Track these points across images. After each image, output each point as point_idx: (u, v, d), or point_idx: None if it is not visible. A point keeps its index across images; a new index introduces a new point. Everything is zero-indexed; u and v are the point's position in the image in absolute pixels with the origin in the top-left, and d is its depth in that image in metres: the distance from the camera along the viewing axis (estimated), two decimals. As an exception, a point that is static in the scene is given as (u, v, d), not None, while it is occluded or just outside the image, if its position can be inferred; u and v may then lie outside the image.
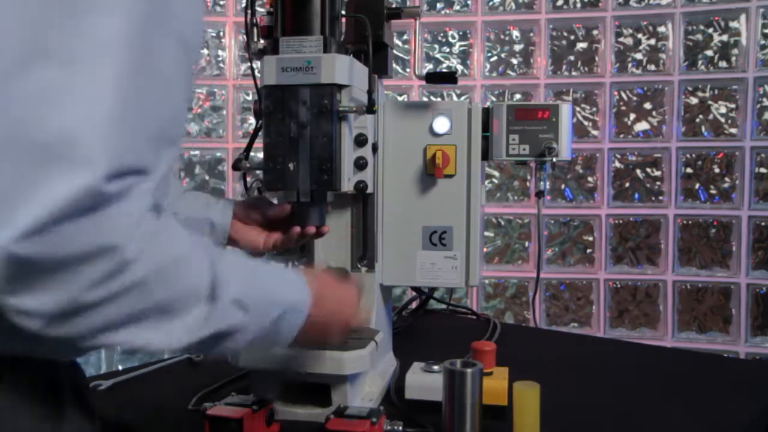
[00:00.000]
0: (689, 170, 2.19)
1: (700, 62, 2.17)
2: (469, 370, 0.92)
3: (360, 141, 1.11)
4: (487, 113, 1.23)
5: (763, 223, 2.12)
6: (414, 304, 1.79)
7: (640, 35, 2.21)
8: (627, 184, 2.23)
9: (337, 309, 0.87)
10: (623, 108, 2.23)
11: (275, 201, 1.24)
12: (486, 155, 1.24)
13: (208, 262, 0.68)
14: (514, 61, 2.29)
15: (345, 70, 1.01)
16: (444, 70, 1.98)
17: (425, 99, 2.27)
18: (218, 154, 2.35)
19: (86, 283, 0.57)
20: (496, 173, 2.30)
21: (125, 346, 0.64)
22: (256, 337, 0.74)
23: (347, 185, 1.07)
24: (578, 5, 2.24)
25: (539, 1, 2.23)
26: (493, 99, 2.28)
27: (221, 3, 2.32)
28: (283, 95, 1.00)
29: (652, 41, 2.20)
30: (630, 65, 2.22)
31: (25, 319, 0.58)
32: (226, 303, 0.68)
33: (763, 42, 2.09)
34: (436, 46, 2.31)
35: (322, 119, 1.00)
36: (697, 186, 2.18)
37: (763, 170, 2.13)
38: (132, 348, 0.64)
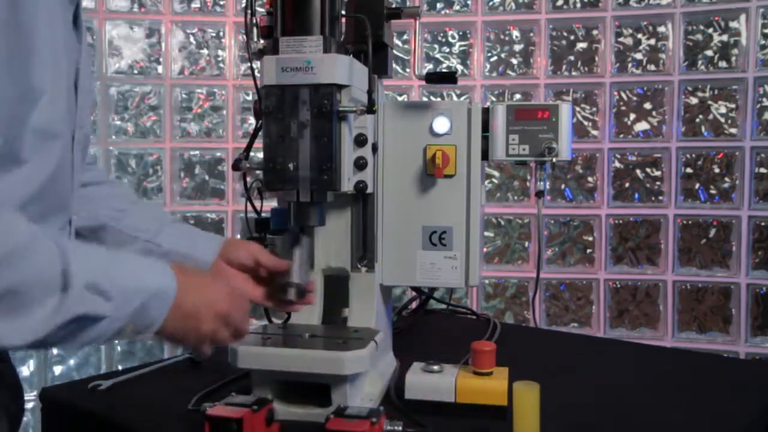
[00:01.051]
0: (689, 170, 2.19)
1: (700, 62, 2.17)
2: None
3: (360, 141, 1.11)
4: (486, 113, 1.23)
5: (763, 223, 2.12)
6: (414, 304, 1.79)
7: (640, 35, 2.21)
8: (627, 184, 2.23)
9: (207, 298, 0.86)
10: (623, 108, 2.23)
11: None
12: (486, 155, 1.23)
13: (57, 252, 0.70)
14: (514, 61, 2.29)
15: (345, 70, 1.01)
16: (444, 70, 1.98)
17: (425, 99, 2.27)
18: (218, 154, 2.35)
19: None
20: (496, 173, 2.30)
21: None
22: (124, 325, 0.76)
23: (347, 185, 1.07)
24: (578, 5, 2.24)
25: (539, 1, 2.23)
26: (493, 99, 2.28)
27: (221, 3, 2.32)
28: (283, 95, 1.00)
29: (652, 41, 2.20)
30: (630, 65, 2.22)
31: None
32: (79, 289, 0.70)
33: (763, 42, 2.09)
34: (436, 46, 2.31)
35: (322, 119, 1.00)
36: (697, 186, 2.18)
37: (763, 170, 2.13)
38: None
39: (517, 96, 2.29)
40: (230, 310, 0.88)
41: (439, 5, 2.30)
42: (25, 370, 2.18)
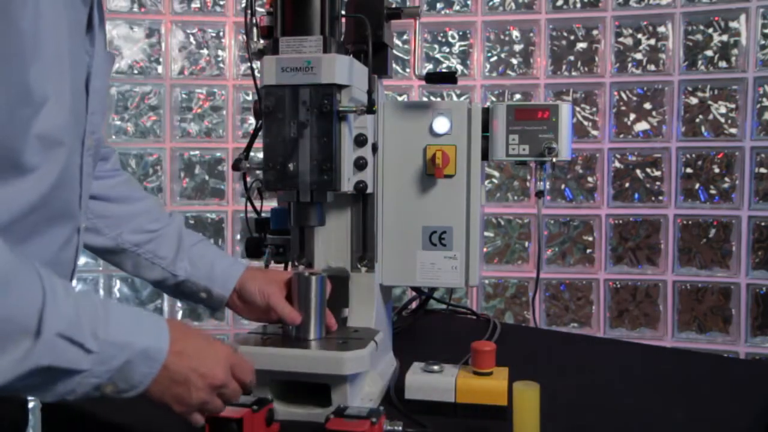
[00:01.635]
0: (689, 170, 2.19)
1: (700, 62, 2.17)
2: (313, 277, 1.04)
3: (360, 141, 1.11)
4: (486, 113, 1.23)
5: (763, 223, 2.12)
6: (414, 304, 1.79)
7: (640, 35, 2.21)
8: (627, 184, 2.23)
9: (202, 366, 0.78)
10: (623, 108, 2.23)
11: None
12: (486, 155, 1.23)
13: (37, 285, 0.65)
14: (514, 61, 2.29)
15: (345, 70, 1.01)
16: (444, 70, 1.98)
17: (425, 99, 2.27)
18: (218, 154, 2.35)
19: None
20: (496, 173, 2.30)
21: None
22: (102, 382, 0.69)
23: (347, 185, 1.07)
24: (578, 5, 2.24)
25: (539, 1, 2.23)
26: (493, 99, 2.28)
27: (221, 3, 2.32)
28: (283, 95, 1.00)
29: (652, 41, 2.20)
30: (630, 65, 2.22)
31: None
32: (50, 336, 0.64)
33: (763, 42, 2.09)
34: (436, 46, 2.31)
35: (322, 119, 1.00)
36: (697, 186, 2.18)
37: (763, 170, 2.13)
38: None
39: (517, 96, 2.29)
40: (226, 381, 0.81)
41: (439, 5, 2.30)
42: (25, 370, 2.18)
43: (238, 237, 2.33)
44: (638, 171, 2.22)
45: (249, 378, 0.86)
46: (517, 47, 2.28)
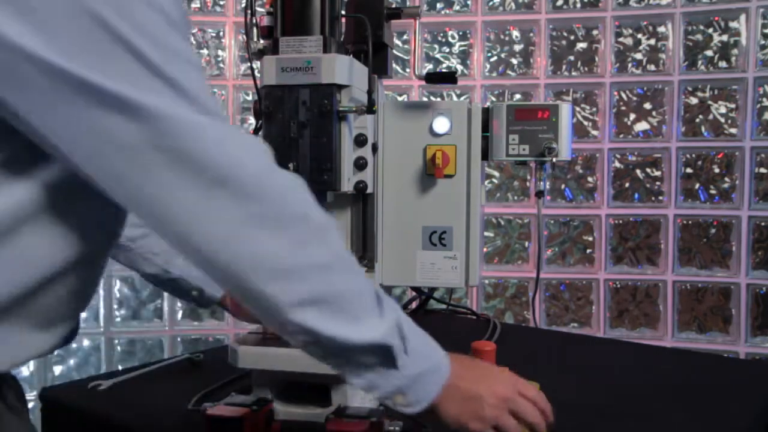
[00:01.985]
0: (689, 170, 2.19)
1: (700, 62, 2.17)
2: None
3: (360, 141, 1.11)
4: (486, 113, 1.23)
5: (763, 223, 2.12)
6: (414, 304, 1.79)
7: (640, 35, 2.21)
8: (627, 184, 2.23)
9: (487, 381, 0.79)
10: (623, 108, 2.23)
11: None
12: (486, 155, 1.23)
13: (370, 282, 0.71)
14: (514, 61, 2.29)
15: (345, 70, 1.01)
16: (444, 70, 1.98)
17: (425, 99, 2.27)
18: (218, 154, 2.35)
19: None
20: (496, 173, 2.30)
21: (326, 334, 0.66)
22: (398, 388, 0.72)
23: (347, 185, 1.07)
24: (578, 5, 2.24)
25: (539, 1, 2.23)
26: (493, 99, 2.28)
27: (221, 3, 2.32)
28: (283, 95, 1.00)
29: (652, 41, 2.20)
30: (630, 65, 2.22)
31: None
32: (389, 320, 0.69)
33: (763, 42, 2.09)
34: (436, 46, 2.31)
35: (322, 119, 1.00)
36: (697, 186, 2.18)
37: (763, 170, 2.13)
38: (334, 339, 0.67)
39: (517, 96, 2.29)
40: (514, 396, 0.79)
41: (439, 5, 2.30)
42: (25, 370, 2.18)
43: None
44: (638, 171, 2.22)
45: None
46: (517, 47, 2.28)
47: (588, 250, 2.26)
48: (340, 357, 0.69)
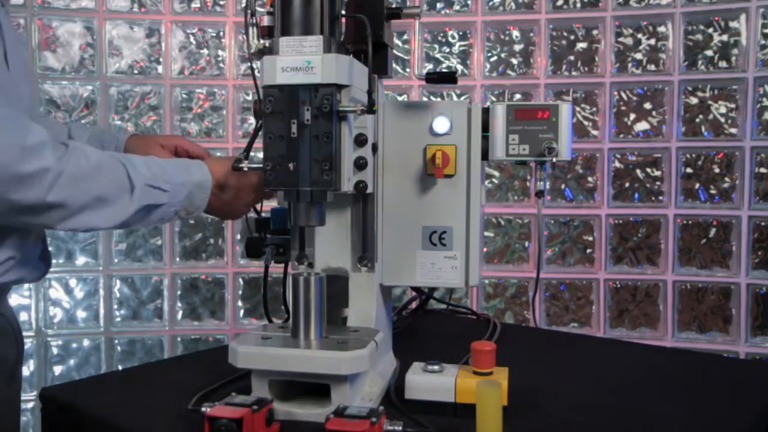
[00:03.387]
0: (689, 170, 2.19)
1: (700, 62, 2.17)
2: (312, 277, 1.07)
3: (360, 141, 1.11)
4: (486, 113, 1.23)
5: (763, 223, 2.12)
6: (414, 304, 1.79)
7: (640, 35, 2.21)
8: (627, 184, 2.23)
9: (238, 188, 1.14)
10: (623, 108, 2.23)
11: (275, 202, 1.25)
12: (486, 155, 1.23)
13: (119, 164, 1.01)
14: (514, 61, 2.29)
15: (345, 70, 1.01)
16: (444, 70, 1.98)
17: (425, 99, 2.27)
18: (218, 154, 2.35)
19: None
20: (496, 173, 2.30)
21: (81, 228, 0.99)
22: (178, 209, 1.08)
23: (347, 185, 1.07)
24: (578, 5, 2.24)
25: (539, 1, 2.23)
26: (493, 99, 2.28)
27: (221, 3, 2.32)
28: (283, 95, 1.00)
29: (652, 41, 2.20)
30: (630, 65, 2.22)
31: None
32: (141, 187, 1.02)
33: (763, 42, 2.09)
34: (436, 46, 2.31)
35: (322, 119, 1.00)
36: (697, 186, 2.18)
37: (763, 170, 2.13)
38: (87, 228, 1.00)
39: (517, 96, 2.29)
40: (253, 199, 1.19)
41: (439, 5, 2.30)
42: (25, 370, 2.18)
43: (238, 237, 2.33)
44: (638, 171, 2.22)
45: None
46: (517, 47, 2.28)
47: (588, 250, 2.26)
48: (123, 226, 1.04)
